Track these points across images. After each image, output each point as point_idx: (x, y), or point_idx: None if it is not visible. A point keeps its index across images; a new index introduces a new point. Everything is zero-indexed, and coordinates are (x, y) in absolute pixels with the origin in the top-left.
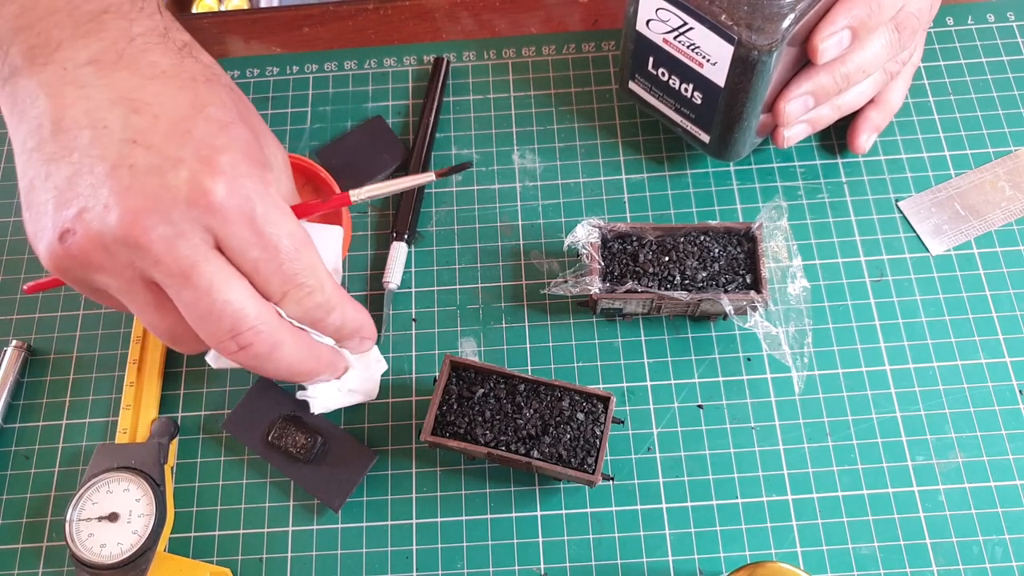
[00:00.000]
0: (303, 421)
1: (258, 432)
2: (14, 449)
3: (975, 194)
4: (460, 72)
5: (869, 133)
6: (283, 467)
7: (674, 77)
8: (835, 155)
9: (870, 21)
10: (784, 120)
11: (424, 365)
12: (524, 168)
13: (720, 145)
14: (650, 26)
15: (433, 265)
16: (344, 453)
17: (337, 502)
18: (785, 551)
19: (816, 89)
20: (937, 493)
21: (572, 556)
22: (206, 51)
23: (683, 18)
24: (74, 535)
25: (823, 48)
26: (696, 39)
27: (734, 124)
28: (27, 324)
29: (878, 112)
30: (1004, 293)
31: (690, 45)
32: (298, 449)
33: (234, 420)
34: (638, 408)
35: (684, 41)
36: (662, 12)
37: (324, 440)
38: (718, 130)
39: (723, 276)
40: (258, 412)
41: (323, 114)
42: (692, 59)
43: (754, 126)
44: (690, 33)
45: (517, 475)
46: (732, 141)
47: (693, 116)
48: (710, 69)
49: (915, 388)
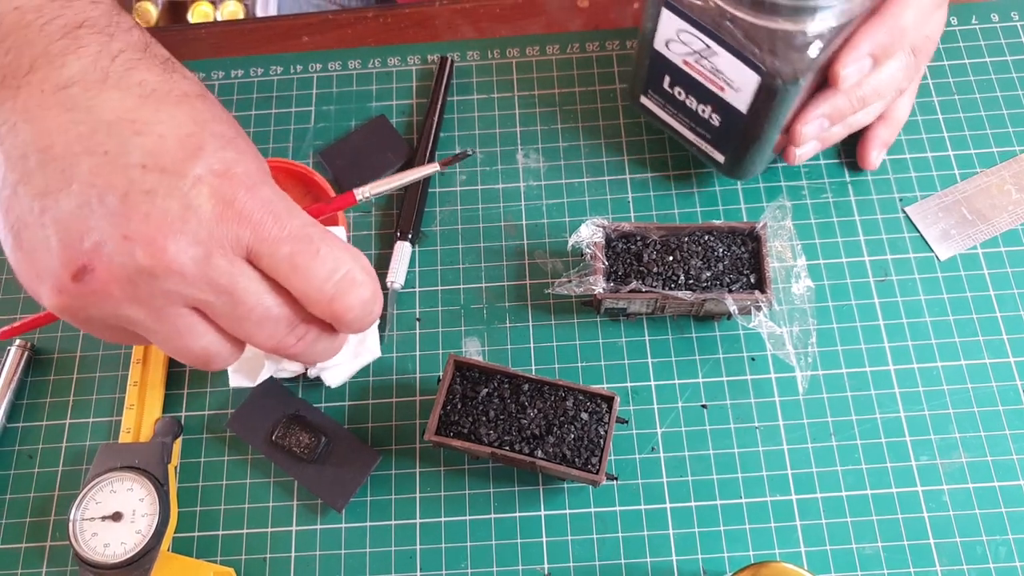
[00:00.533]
0: (307, 421)
1: (262, 431)
2: (18, 448)
3: (982, 198)
4: (464, 72)
5: (879, 150)
6: (287, 467)
7: (691, 98)
8: (839, 155)
9: (891, 48)
10: (799, 141)
11: (428, 365)
12: (528, 167)
13: (734, 165)
14: (670, 46)
15: (437, 265)
16: (348, 453)
17: (340, 503)
18: (789, 551)
19: (832, 112)
20: (941, 493)
21: (576, 556)
22: (205, 58)
23: (707, 42)
24: (78, 535)
25: (845, 75)
26: (719, 64)
27: (751, 147)
28: None
29: (886, 128)
30: (1008, 293)
31: (712, 69)
32: (302, 449)
33: (238, 419)
34: (642, 408)
35: (706, 65)
36: (684, 34)
37: (328, 440)
38: (734, 151)
39: (727, 276)
40: (262, 411)
41: (327, 114)
42: (713, 83)
43: (771, 148)
44: (713, 58)
45: (521, 475)
46: (747, 162)
47: (709, 136)
48: (732, 94)
49: (919, 388)
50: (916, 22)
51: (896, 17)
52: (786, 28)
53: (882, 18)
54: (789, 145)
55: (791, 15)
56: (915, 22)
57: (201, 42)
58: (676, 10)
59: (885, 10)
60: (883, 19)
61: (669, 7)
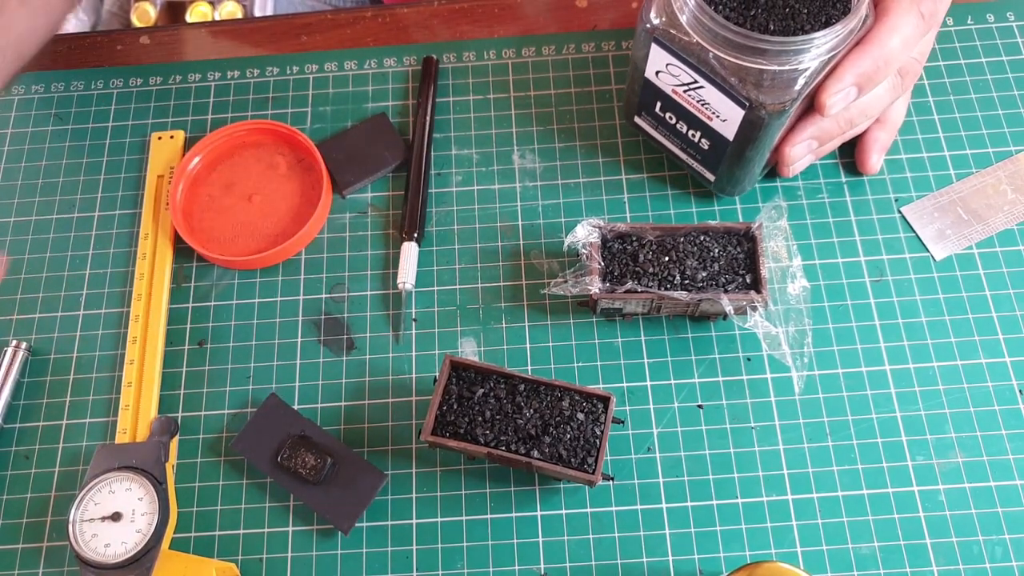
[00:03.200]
0: (312, 442)
1: (267, 452)
2: (14, 449)
3: (977, 198)
4: (460, 72)
5: (878, 154)
6: (293, 488)
7: (682, 123)
8: (835, 155)
9: (876, 76)
10: (789, 161)
11: (424, 365)
12: (524, 168)
13: (726, 184)
14: (659, 77)
15: (433, 265)
16: (354, 474)
17: (347, 525)
18: (785, 551)
19: (820, 134)
20: (937, 493)
21: (572, 556)
22: (203, 58)
23: (694, 76)
24: (78, 536)
25: (830, 104)
26: (706, 96)
27: (740, 169)
28: (27, 324)
29: (884, 131)
30: (1004, 293)
31: (700, 101)
32: (308, 470)
33: (244, 440)
34: (638, 408)
35: (694, 96)
36: (672, 67)
37: (334, 462)
38: (724, 172)
39: (723, 276)
40: (267, 431)
41: (323, 114)
42: (702, 112)
43: (760, 169)
44: (700, 91)
45: (517, 475)
46: (737, 181)
47: (699, 158)
48: (719, 124)
49: (915, 388)
50: (902, 49)
51: (881, 46)
52: (771, 68)
53: (867, 47)
54: (780, 164)
55: (776, 57)
56: (900, 49)
57: (199, 42)
58: (664, 45)
59: (870, 39)
60: (868, 49)
61: (658, 43)
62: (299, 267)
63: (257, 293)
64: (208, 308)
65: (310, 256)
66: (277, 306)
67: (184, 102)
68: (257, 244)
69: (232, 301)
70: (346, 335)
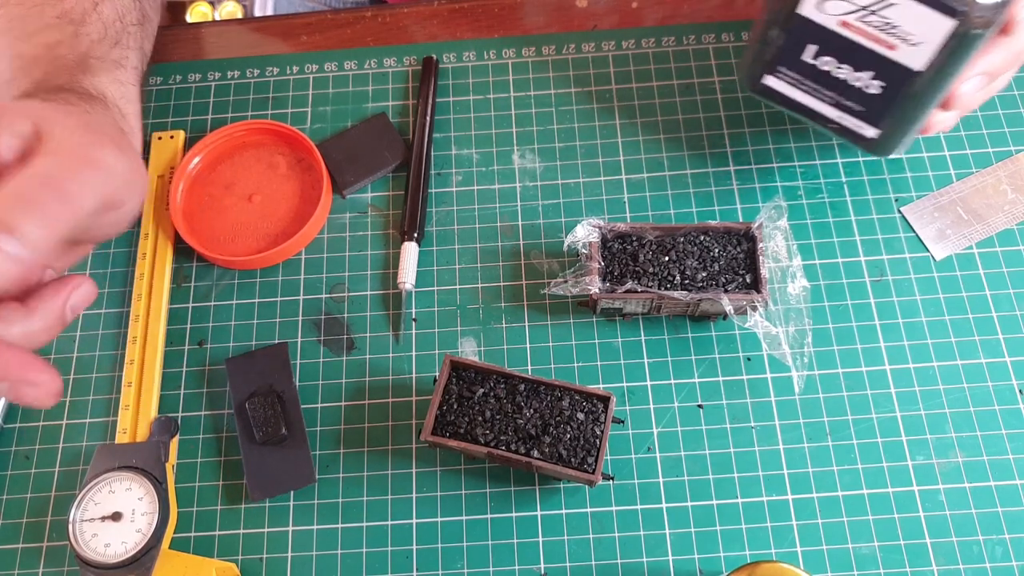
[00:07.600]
0: (284, 408)
1: (244, 390)
2: (14, 449)
3: (977, 198)
4: (460, 72)
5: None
6: (240, 434)
7: (844, 66)
8: (835, 155)
9: None
10: (958, 103)
11: (424, 365)
12: (524, 168)
13: (888, 138)
14: (825, 7)
15: (433, 265)
16: (293, 459)
17: (258, 495)
18: (785, 551)
19: (990, 68)
20: (937, 493)
21: (572, 556)
22: (203, 58)
23: None
24: (78, 536)
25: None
26: (895, 17)
27: (918, 111)
28: None
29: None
30: (1004, 293)
31: (884, 25)
32: (259, 427)
33: (236, 363)
34: (638, 408)
35: (875, 21)
36: None
37: (286, 436)
38: (896, 121)
39: (723, 276)
40: (256, 373)
41: (323, 114)
42: (881, 42)
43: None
44: (888, 10)
45: (517, 475)
46: (906, 131)
47: (862, 110)
48: (906, 51)
49: (915, 388)
50: None
51: None
52: None
53: None
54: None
55: None
56: None
57: (199, 42)
58: None
59: None
60: None
61: None
62: (299, 267)
63: (257, 293)
64: (208, 308)
65: (310, 256)
66: (277, 306)
67: (184, 102)
68: (257, 244)
69: (232, 301)
70: (346, 335)
